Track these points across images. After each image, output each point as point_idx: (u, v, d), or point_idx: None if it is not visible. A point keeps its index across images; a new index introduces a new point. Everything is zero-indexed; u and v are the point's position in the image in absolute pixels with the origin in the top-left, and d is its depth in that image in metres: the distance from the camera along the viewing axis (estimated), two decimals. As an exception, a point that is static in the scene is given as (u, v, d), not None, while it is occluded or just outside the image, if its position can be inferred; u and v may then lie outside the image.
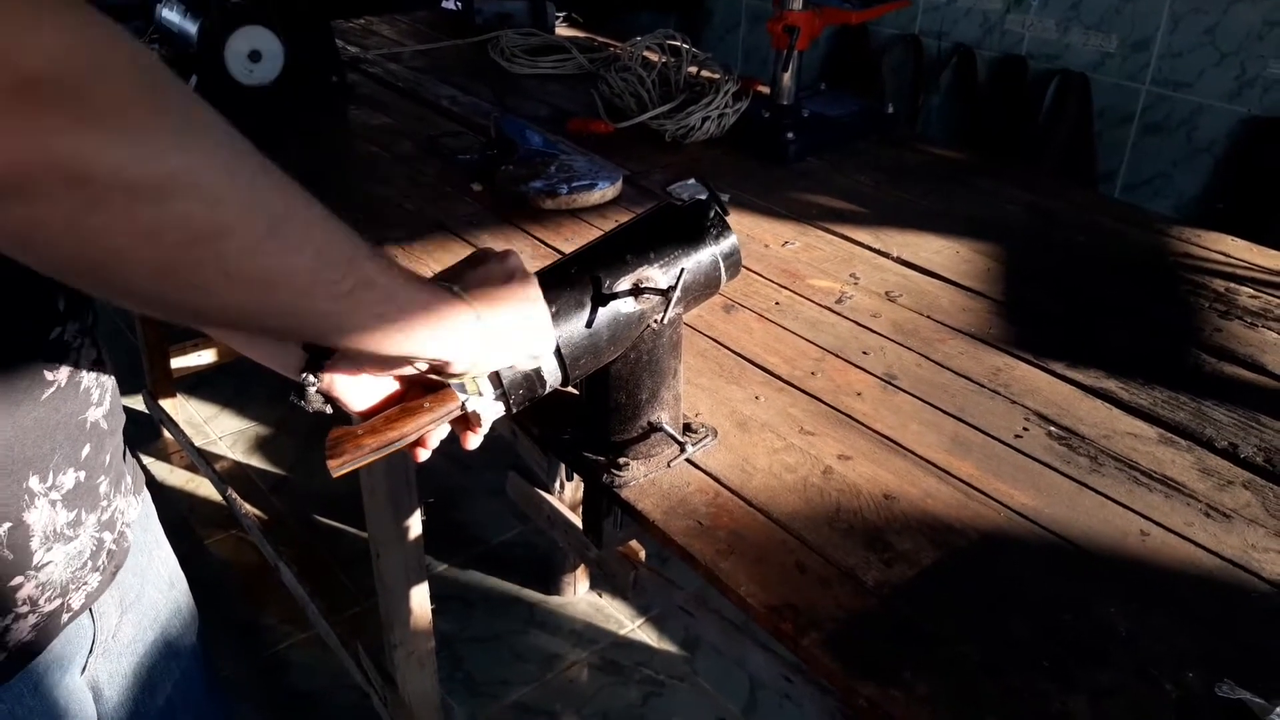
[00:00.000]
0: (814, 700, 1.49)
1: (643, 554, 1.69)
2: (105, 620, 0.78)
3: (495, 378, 0.74)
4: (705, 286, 0.82)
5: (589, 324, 0.77)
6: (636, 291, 0.78)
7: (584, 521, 0.97)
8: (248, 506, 2.04)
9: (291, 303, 0.51)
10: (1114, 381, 1.02)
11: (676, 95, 1.67)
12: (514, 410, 0.77)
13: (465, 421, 0.76)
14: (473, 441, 0.76)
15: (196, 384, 2.59)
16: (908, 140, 1.72)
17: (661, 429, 0.86)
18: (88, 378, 0.70)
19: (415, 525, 1.46)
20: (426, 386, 0.80)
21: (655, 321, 0.80)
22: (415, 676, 1.60)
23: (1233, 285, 1.24)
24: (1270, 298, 1.21)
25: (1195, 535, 0.82)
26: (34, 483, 0.66)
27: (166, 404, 2.42)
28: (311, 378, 0.73)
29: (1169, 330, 1.14)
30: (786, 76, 1.59)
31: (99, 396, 0.72)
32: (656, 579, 1.64)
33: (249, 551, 2.14)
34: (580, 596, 2.04)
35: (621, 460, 0.86)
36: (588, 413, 0.89)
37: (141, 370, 2.43)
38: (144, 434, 2.49)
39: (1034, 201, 1.47)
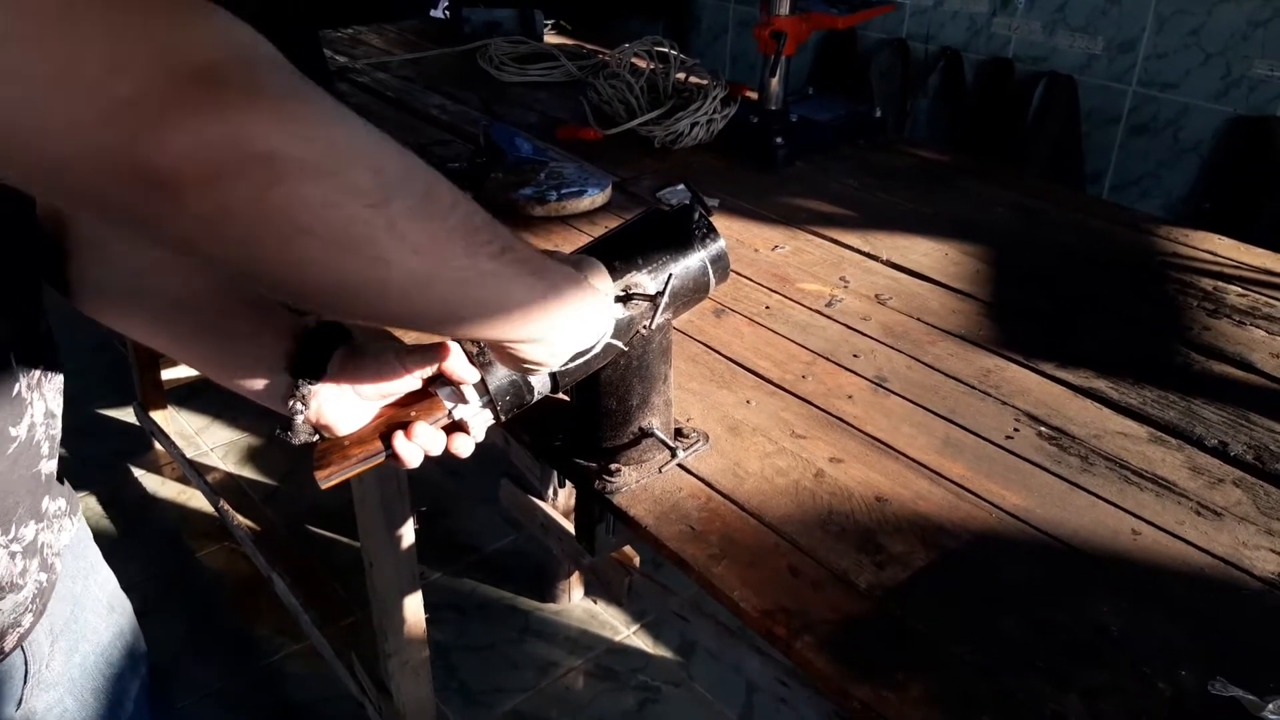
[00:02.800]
0: (811, 704, 1.48)
1: (637, 560, 1.69)
2: (37, 650, 0.75)
3: (482, 385, 0.74)
4: (694, 291, 0.82)
5: (577, 330, 0.77)
6: (625, 298, 0.78)
7: (576, 528, 0.97)
8: (240, 518, 2.03)
9: (459, 268, 0.52)
10: (1104, 381, 1.03)
11: (665, 101, 1.67)
12: (502, 419, 0.77)
13: (456, 425, 0.76)
14: (463, 446, 0.75)
15: (187, 395, 2.58)
16: (895, 143, 1.72)
17: (652, 434, 0.85)
18: (39, 430, 0.70)
19: (408, 534, 1.45)
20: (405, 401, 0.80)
21: (644, 327, 0.80)
22: (410, 686, 1.59)
23: (1220, 284, 1.25)
24: (1258, 296, 1.22)
25: (1186, 534, 0.82)
26: None
27: (157, 416, 2.41)
28: (300, 406, 0.73)
29: (1158, 329, 1.14)
30: (774, 81, 1.60)
31: (49, 449, 0.72)
32: (651, 585, 1.64)
33: (241, 563, 2.13)
34: (575, 603, 2.04)
35: (613, 466, 0.86)
36: (578, 419, 0.89)
37: (132, 382, 2.42)
38: (135, 446, 2.48)
39: (1021, 202, 1.48)
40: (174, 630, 1.98)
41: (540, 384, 0.77)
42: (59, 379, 0.73)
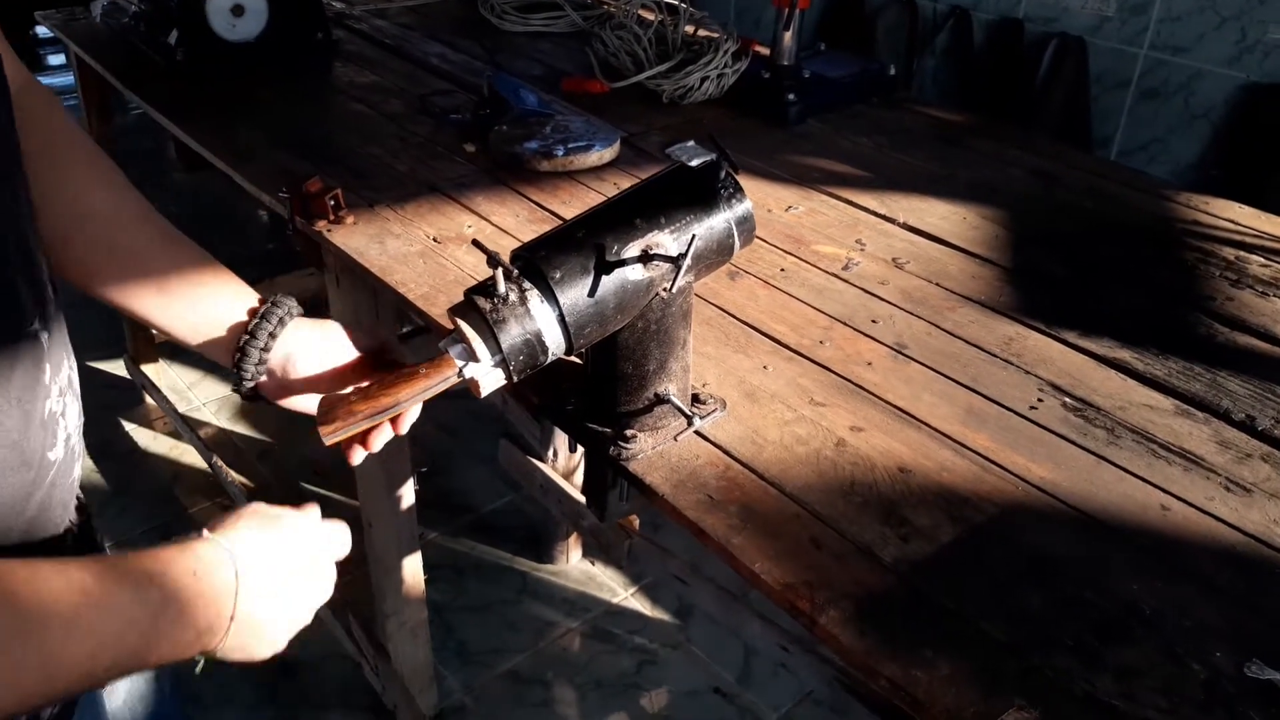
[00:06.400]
0: (812, 669, 1.48)
1: (637, 523, 1.67)
2: None
3: (494, 344, 0.71)
4: (718, 253, 0.79)
5: (593, 292, 0.74)
6: (645, 258, 0.75)
7: (587, 494, 0.94)
8: (233, 474, 2.00)
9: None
10: (1127, 351, 1.00)
11: (674, 54, 1.62)
12: (515, 379, 0.74)
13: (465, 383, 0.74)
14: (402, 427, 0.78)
15: (178, 349, 2.54)
16: (908, 102, 1.68)
17: (669, 401, 0.83)
18: (74, 438, 0.67)
19: (408, 495, 1.43)
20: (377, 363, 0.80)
21: (664, 290, 0.77)
22: (408, 647, 1.58)
23: (1242, 253, 1.22)
24: (1281, 266, 1.19)
25: (1216, 510, 0.80)
26: None
27: (148, 369, 2.37)
28: (245, 380, 0.77)
29: (1180, 299, 1.11)
30: (788, 36, 1.55)
31: (80, 448, 0.69)
32: (651, 547, 1.62)
33: (235, 520, 2.11)
34: (573, 565, 2.02)
35: (628, 432, 0.83)
36: (592, 383, 0.86)
37: (123, 335, 2.38)
38: (126, 400, 2.44)
39: (1037, 165, 1.44)
40: (167, 586, 1.95)
41: (555, 344, 0.74)
42: (75, 370, 0.70)
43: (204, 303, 0.76)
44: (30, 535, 0.62)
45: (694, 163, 0.77)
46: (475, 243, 0.71)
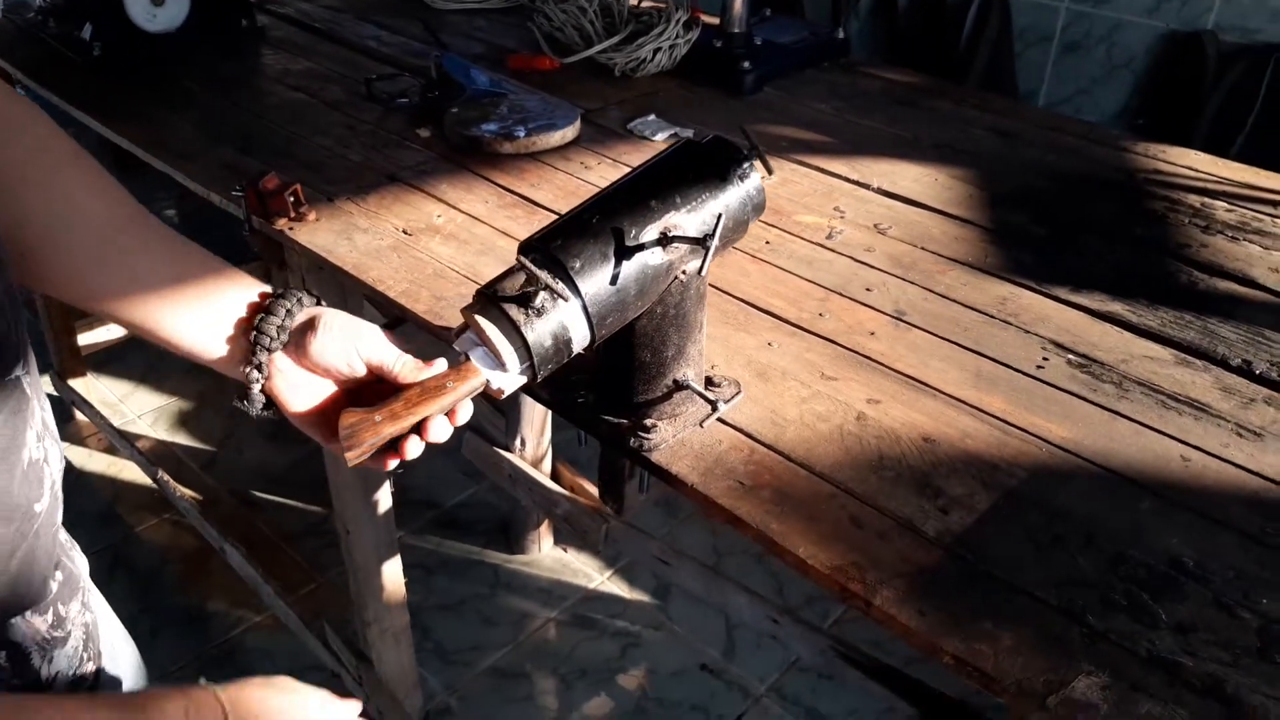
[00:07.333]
0: (802, 638, 1.48)
1: (614, 507, 1.64)
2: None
3: (524, 349, 0.68)
4: (734, 230, 0.76)
5: (614, 279, 0.71)
6: (664, 240, 0.72)
7: (602, 487, 0.91)
8: (180, 488, 1.91)
9: None
10: (1119, 304, 1.01)
11: (622, 27, 1.58)
12: (539, 379, 0.71)
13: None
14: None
15: (106, 360, 2.41)
16: (858, 66, 1.67)
17: (688, 387, 0.80)
18: (58, 484, 0.63)
19: (385, 499, 1.37)
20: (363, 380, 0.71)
21: (684, 273, 0.74)
22: (391, 653, 1.53)
23: (1207, 200, 1.24)
24: (1245, 210, 1.22)
25: (1233, 456, 0.81)
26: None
27: (76, 384, 2.24)
28: (256, 374, 0.68)
29: (1158, 248, 1.13)
30: (739, 3, 1.52)
31: (62, 496, 0.65)
32: (629, 530, 1.60)
33: (186, 536, 2.02)
34: (545, 553, 1.99)
35: (648, 422, 0.80)
36: (607, 374, 0.83)
37: (47, 349, 2.24)
38: (55, 418, 2.30)
39: (995, 123, 1.45)
40: (121, 612, 1.85)
41: (580, 339, 0.70)
42: (49, 410, 0.65)
43: (214, 300, 0.68)
44: (12, 591, 0.58)
45: (658, 137, 0.74)
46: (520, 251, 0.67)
